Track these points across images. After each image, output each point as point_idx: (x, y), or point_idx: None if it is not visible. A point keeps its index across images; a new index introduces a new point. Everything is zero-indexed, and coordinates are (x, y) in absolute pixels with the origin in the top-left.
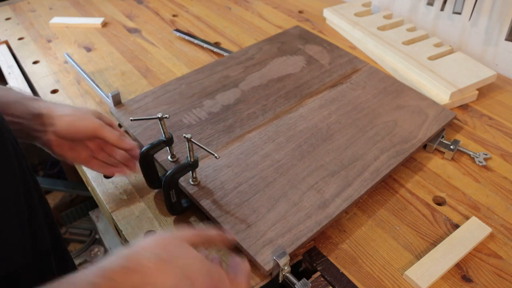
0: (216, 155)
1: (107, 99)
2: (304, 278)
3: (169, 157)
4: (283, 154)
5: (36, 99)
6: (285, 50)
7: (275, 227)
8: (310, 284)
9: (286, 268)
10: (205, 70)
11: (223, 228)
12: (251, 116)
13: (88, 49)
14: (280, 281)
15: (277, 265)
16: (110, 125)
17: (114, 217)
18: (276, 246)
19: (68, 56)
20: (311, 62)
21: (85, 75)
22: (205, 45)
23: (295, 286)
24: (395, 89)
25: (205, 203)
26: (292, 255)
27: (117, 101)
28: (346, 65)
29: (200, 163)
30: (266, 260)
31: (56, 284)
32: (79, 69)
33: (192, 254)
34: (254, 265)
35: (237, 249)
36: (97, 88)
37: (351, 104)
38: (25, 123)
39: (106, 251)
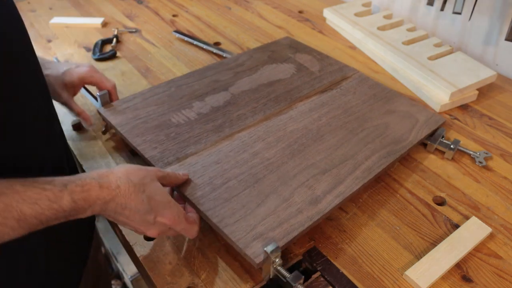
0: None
1: (94, 100)
2: (297, 271)
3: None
4: (273, 152)
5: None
6: (276, 58)
7: (266, 221)
8: (303, 276)
9: (277, 260)
10: (195, 75)
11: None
12: (240, 117)
13: (88, 49)
14: (271, 276)
15: (268, 258)
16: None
17: None
18: (266, 240)
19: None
20: (301, 69)
21: None
22: (204, 46)
23: (287, 279)
24: (385, 95)
25: (193, 197)
26: (293, 256)
27: (105, 101)
28: (336, 72)
29: (189, 160)
30: (256, 253)
31: (37, 179)
32: None
33: (159, 187)
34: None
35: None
36: (85, 91)
37: (341, 108)
38: None
39: (106, 251)
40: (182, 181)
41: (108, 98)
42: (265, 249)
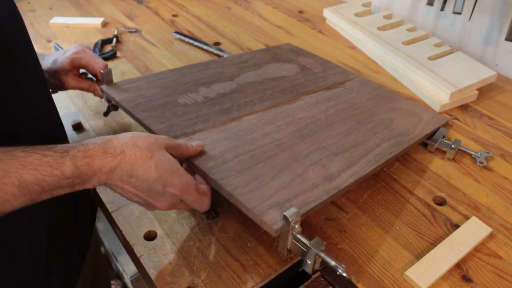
0: None
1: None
2: (318, 237)
3: None
4: (283, 134)
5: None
6: (279, 59)
7: (281, 192)
8: (325, 243)
9: (297, 226)
10: (198, 66)
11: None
12: (248, 103)
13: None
14: (288, 247)
15: (287, 224)
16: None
17: (114, 217)
18: (283, 209)
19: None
20: (305, 69)
21: None
22: (205, 47)
23: (308, 245)
24: (388, 96)
25: (204, 167)
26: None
27: (109, 80)
28: (339, 75)
29: (198, 135)
30: (273, 220)
31: (39, 146)
32: None
33: (167, 155)
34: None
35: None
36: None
37: (347, 103)
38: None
39: (106, 251)
40: (194, 153)
41: (112, 76)
42: (284, 213)
